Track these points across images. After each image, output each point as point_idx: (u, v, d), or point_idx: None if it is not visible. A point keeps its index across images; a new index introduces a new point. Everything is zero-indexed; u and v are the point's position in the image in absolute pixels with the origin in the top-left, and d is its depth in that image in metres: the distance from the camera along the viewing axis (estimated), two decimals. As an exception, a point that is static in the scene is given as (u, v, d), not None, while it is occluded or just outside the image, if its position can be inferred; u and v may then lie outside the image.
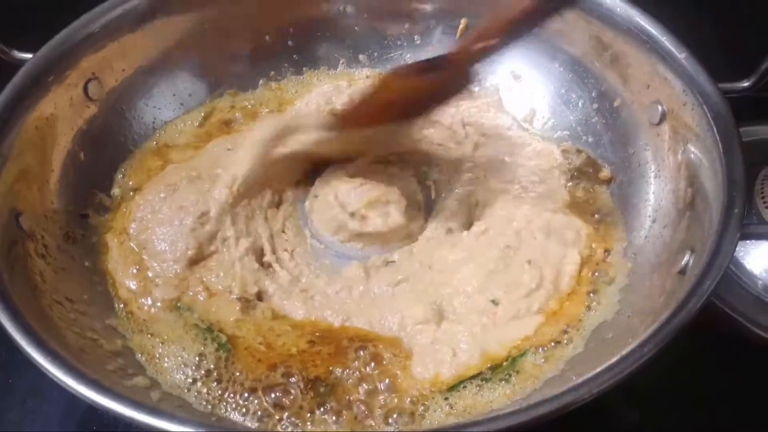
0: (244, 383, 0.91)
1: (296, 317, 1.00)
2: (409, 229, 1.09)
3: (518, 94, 1.25)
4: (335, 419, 0.88)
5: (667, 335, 0.74)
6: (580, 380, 0.72)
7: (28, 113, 0.98)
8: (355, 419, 0.88)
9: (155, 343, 0.95)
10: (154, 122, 1.19)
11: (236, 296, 1.00)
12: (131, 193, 1.10)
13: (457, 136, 1.20)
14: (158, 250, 1.02)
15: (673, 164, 1.01)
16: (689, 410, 1.05)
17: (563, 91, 1.20)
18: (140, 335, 0.96)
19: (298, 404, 0.89)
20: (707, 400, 1.06)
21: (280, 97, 1.28)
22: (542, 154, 1.17)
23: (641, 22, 1.05)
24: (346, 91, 1.26)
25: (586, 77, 1.17)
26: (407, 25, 1.28)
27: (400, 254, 1.07)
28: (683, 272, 0.86)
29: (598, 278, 1.02)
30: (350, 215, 1.07)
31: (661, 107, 1.04)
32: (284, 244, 1.08)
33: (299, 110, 1.24)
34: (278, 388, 0.90)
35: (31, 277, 0.90)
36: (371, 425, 0.87)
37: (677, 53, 1.01)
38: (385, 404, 0.89)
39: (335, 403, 0.89)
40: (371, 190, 1.08)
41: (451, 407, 0.88)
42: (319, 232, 1.10)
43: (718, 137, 0.92)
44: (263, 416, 0.88)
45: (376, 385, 0.91)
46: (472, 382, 0.91)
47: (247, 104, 1.26)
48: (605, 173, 1.13)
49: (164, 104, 1.20)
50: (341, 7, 1.27)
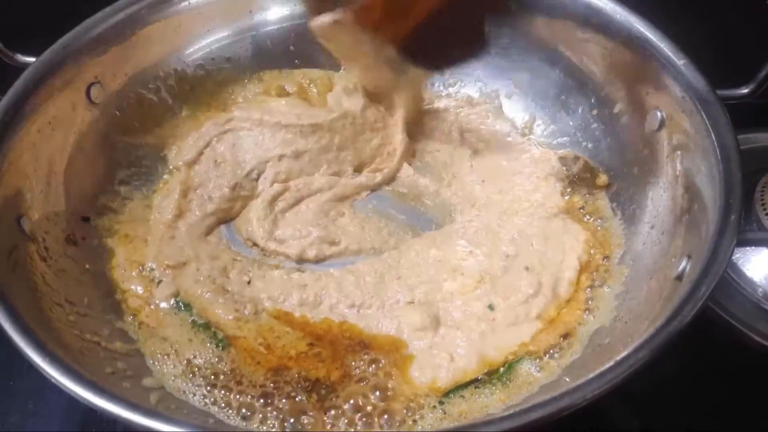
0: (243, 384, 0.92)
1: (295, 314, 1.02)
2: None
3: (518, 100, 1.25)
4: (333, 422, 0.89)
5: (662, 341, 0.74)
6: (574, 385, 0.72)
7: (30, 116, 0.98)
8: (352, 422, 0.88)
9: (157, 346, 0.96)
10: (157, 125, 1.19)
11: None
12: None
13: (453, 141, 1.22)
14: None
15: (671, 171, 1.01)
16: (689, 417, 1.04)
17: (563, 97, 1.21)
18: (145, 338, 0.97)
19: (297, 407, 0.90)
20: (707, 407, 1.05)
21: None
22: (540, 161, 1.18)
23: (641, 29, 1.05)
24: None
25: (585, 84, 1.17)
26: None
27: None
28: (680, 278, 0.86)
29: (596, 284, 1.02)
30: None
31: (660, 114, 1.04)
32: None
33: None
34: (278, 390, 0.91)
35: (31, 279, 0.90)
36: (368, 427, 0.87)
37: (676, 60, 1.01)
38: (381, 408, 0.90)
39: (334, 406, 0.90)
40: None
41: (444, 413, 0.89)
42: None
43: (716, 144, 0.92)
44: (263, 418, 0.89)
45: (374, 388, 0.92)
46: (467, 387, 0.91)
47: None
48: (603, 179, 1.14)
49: (167, 107, 1.20)
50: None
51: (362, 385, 0.92)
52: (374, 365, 0.95)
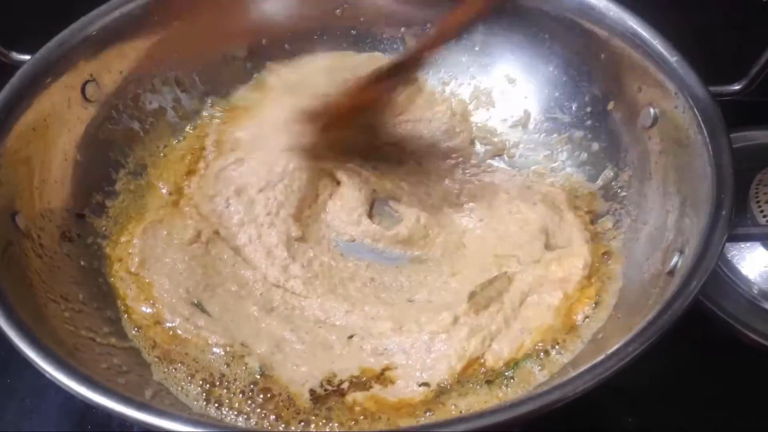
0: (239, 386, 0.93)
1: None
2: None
3: (513, 97, 1.26)
4: (326, 422, 0.89)
5: (652, 335, 0.74)
6: (565, 378, 0.72)
7: (25, 114, 0.98)
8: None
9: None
10: (152, 124, 1.20)
11: None
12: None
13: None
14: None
15: (664, 166, 1.02)
16: (684, 414, 1.05)
17: (557, 94, 1.21)
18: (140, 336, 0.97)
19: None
20: (702, 404, 1.06)
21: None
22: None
23: (634, 25, 1.06)
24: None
25: (579, 80, 1.17)
26: (403, 28, 1.29)
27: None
28: (672, 273, 0.86)
29: (598, 281, 1.02)
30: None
31: (653, 110, 1.04)
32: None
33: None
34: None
35: (26, 275, 0.90)
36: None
37: (669, 57, 1.01)
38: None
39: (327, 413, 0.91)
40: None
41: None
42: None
43: (708, 140, 0.92)
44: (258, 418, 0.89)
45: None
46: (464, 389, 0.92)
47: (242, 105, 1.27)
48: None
49: (162, 106, 1.21)
50: (338, 10, 1.27)
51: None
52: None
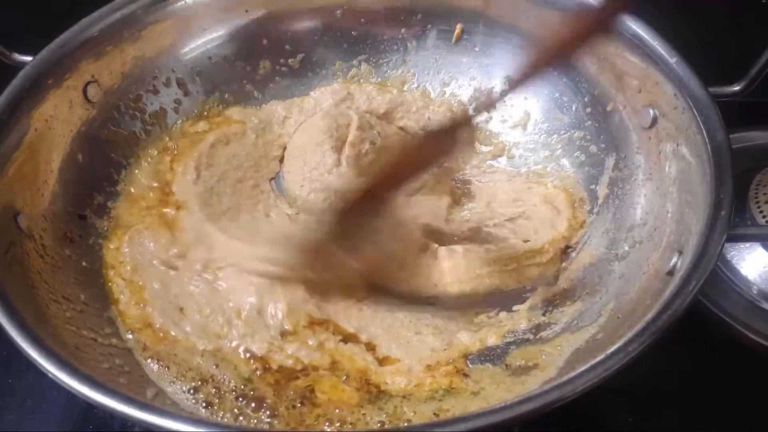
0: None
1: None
2: None
3: (512, 97, 1.24)
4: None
5: (651, 335, 0.74)
6: (563, 378, 0.72)
7: (27, 115, 0.98)
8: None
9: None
10: (153, 125, 1.20)
11: None
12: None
13: None
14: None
15: (663, 167, 1.02)
16: (683, 415, 1.05)
17: (557, 95, 1.21)
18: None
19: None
20: (701, 404, 1.06)
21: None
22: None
23: (633, 26, 1.05)
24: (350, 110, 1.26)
25: (579, 81, 1.17)
26: (403, 30, 1.29)
27: None
28: (671, 274, 0.86)
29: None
30: None
31: (652, 111, 1.04)
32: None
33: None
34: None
35: (28, 276, 0.91)
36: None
37: (669, 58, 1.01)
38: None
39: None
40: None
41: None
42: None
43: (707, 140, 0.92)
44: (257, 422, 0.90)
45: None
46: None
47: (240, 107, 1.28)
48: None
49: (163, 107, 1.21)
50: (338, 11, 1.27)
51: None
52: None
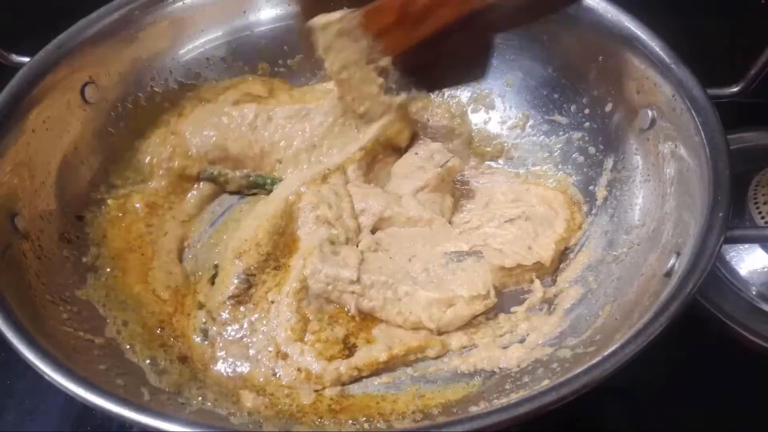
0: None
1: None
2: None
3: (511, 98, 1.26)
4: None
5: (649, 336, 0.74)
6: (561, 380, 0.72)
7: (25, 116, 0.99)
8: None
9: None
10: (151, 124, 1.19)
11: None
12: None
13: None
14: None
15: (661, 168, 1.02)
16: (682, 415, 1.05)
17: (556, 96, 1.21)
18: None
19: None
20: (699, 404, 1.06)
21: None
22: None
23: (632, 28, 1.06)
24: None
25: (578, 82, 1.18)
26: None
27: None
28: (669, 275, 0.86)
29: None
30: None
31: (650, 112, 1.04)
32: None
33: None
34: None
35: (25, 277, 0.91)
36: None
37: (667, 59, 1.01)
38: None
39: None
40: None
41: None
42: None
43: (705, 142, 0.92)
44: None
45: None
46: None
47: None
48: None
49: (161, 107, 1.20)
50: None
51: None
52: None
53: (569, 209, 1.13)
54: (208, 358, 0.96)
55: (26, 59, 1.06)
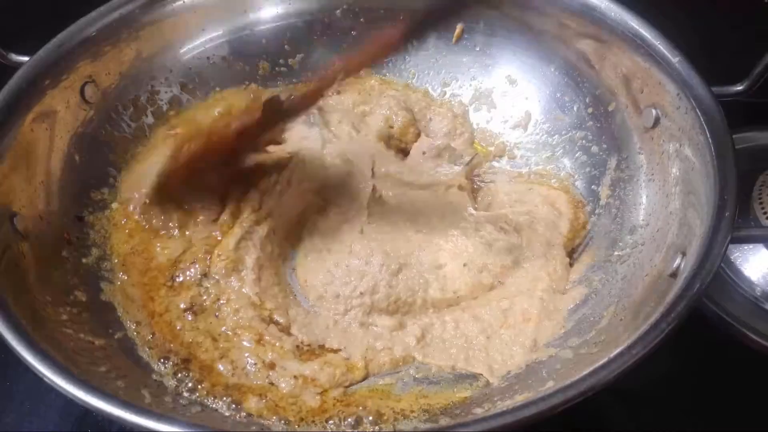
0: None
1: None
2: None
3: (514, 97, 1.25)
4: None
5: (655, 337, 0.74)
6: (568, 382, 0.71)
7: (24, 115, 0.98)
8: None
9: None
10: (150, 125, 1.19)
11: None
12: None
13: None
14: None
15: (666, 168, 1.01)
16: (686, 416, 1.04)
17: (558, 95, 1.21)
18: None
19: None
20: (704, 405, 1.06)
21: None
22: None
23: (635, 26, 1.05)
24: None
25: (581, 81, 1.17)
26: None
27: None
28: (675, 275, 0.86)
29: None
30: None
31: (655, 111, 1.04)
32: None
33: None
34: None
35: (24, 278, 0.90)
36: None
37: (671, 57, 1.01)
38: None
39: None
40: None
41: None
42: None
43: (710, 140, 0.92)
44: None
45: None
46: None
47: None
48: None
49: (160, 107, 1.21)
50: (338, 11, 1.27)
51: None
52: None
53: (573, 209, 1.13)
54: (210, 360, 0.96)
55: (25, 58, 1.05)
